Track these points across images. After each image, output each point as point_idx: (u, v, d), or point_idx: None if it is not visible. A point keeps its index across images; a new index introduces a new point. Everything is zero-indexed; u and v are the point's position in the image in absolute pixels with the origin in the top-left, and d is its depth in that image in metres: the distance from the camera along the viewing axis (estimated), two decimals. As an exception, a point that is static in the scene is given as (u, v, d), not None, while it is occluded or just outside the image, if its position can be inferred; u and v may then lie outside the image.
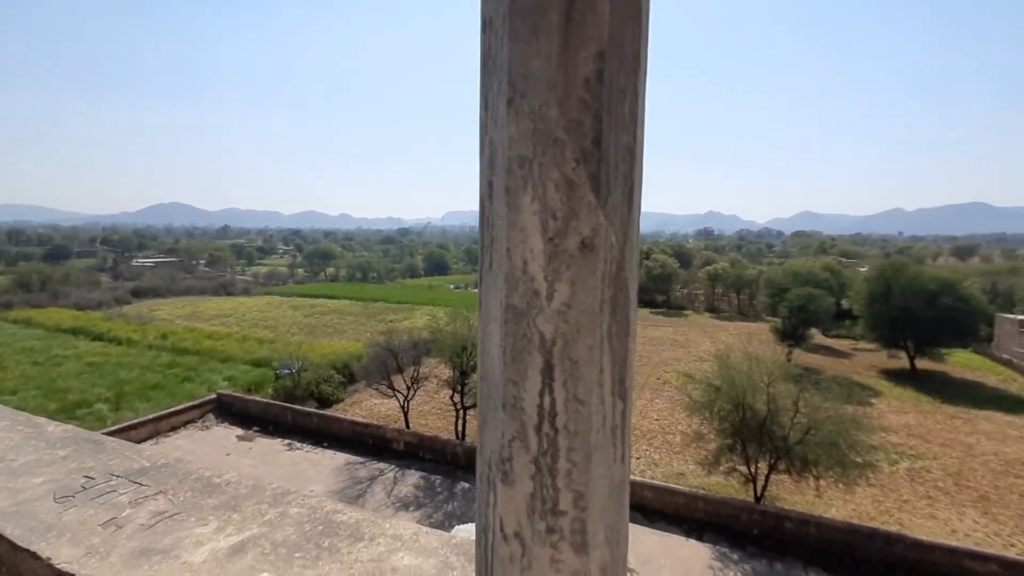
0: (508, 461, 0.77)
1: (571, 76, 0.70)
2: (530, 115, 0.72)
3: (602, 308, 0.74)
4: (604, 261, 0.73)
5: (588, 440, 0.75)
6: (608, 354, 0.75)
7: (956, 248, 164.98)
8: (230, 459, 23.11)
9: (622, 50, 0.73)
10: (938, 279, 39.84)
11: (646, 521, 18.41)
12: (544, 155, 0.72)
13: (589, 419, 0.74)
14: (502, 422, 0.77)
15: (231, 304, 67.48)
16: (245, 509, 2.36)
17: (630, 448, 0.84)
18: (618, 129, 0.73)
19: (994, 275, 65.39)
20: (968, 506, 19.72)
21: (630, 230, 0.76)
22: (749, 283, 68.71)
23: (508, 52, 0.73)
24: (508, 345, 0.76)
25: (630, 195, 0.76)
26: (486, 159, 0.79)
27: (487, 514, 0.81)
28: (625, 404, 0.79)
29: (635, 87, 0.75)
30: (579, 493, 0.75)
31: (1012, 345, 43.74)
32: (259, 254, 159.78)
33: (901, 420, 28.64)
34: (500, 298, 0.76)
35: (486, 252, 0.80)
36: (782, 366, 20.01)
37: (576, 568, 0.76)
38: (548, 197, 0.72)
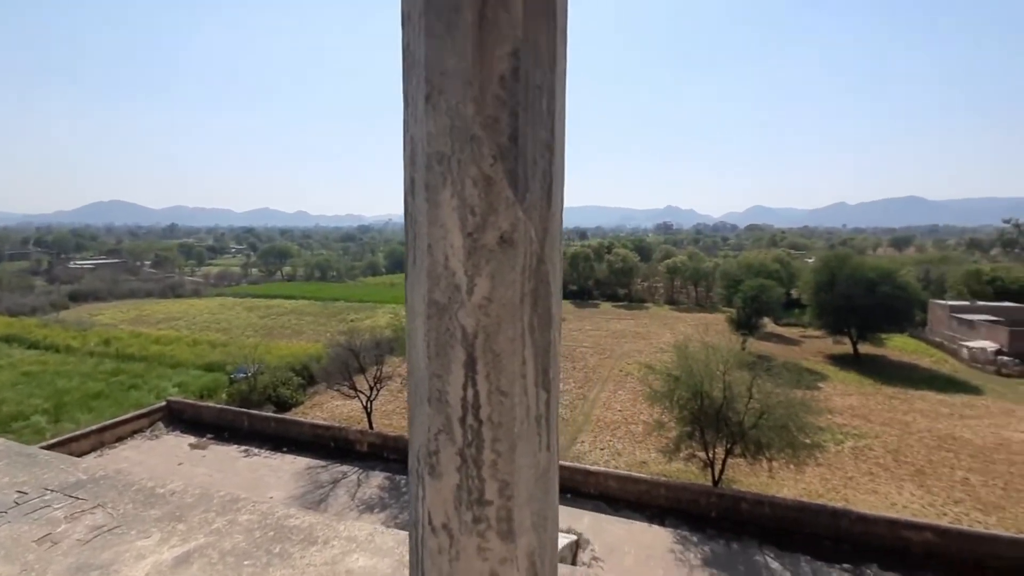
0: (435, 454, 0.78)
1: (487, 73, 0.71)
2: (447, 112, 0.73)
3: (523, 301, 0.76)
4: (524, 255, 0.75)
5: (512, 430, 0.76)
6: (530, 346, 0.77)
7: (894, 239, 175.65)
8: (182, 469, 22.13)
9: (538, 48, 0.74)
10: (877, 269, 42.32)
11: (611, 510, 18.82)
12: (462, 152, 0.73)
13: (512, 410, 0.76)
14: (428, 416, 0.78)
15: (180, 306, 64.47)
16: (191, 519, 2.27)
17: (557, 436, 0.87)
18: (535, 126, 0.75)
19: (927, 264, 69.97)
20: (906, 480, 21.12)
21: (550, 225, 0.78)
22: (706, 275, 71.04)
23: (425, 49, 0.74)
24: (432, 340, 0.77)
25: (549, 191, 0.78)
26: (408, 156, 0.79)
27: (417, 508, 0.82)
28: (549, 394, 0.81)
29: (552, 85, 0.77)
30: (504, 482, 0.77)
31: (943, 329, 47.03)
32: (210, 254, 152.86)
33: (845, 402, 30.34)
34: (423, 293, 0.77)
35: (410, 248, 0.80)
36: (737, 355, 20.79)
37: (503, 555, 0.78)
38: (467, 193, 0.73)
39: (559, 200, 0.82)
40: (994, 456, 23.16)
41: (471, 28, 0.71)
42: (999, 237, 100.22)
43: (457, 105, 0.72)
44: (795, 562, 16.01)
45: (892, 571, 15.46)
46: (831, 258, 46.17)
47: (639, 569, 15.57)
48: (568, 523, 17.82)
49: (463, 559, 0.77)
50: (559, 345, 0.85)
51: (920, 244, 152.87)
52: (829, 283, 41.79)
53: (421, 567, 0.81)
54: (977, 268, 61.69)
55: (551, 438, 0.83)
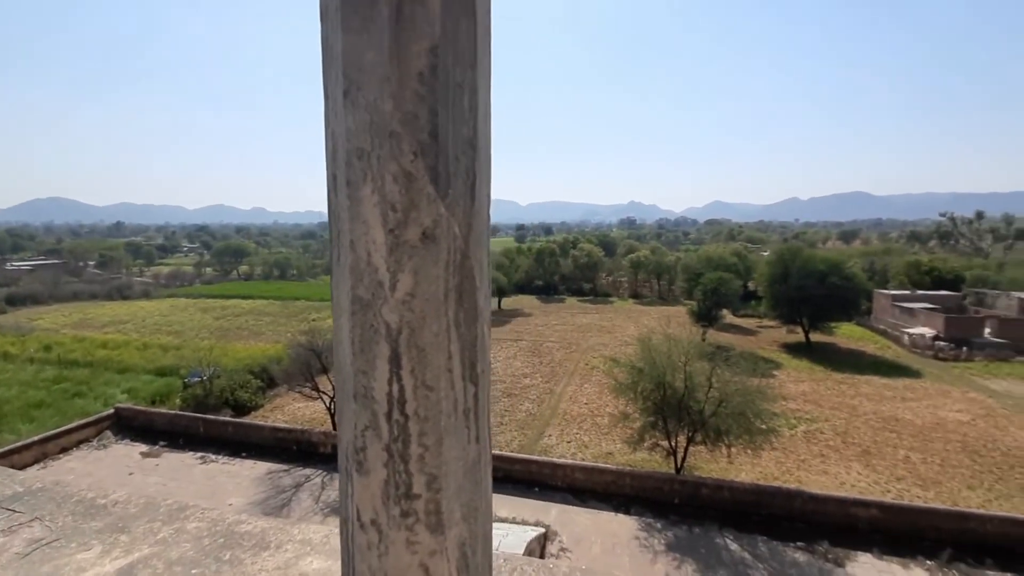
0: (362, 451, 0.78)
1: (404, 70, 0.72)
2: (366, 108, 0.73)
3: (447, 296, 0.76)
4: (447, 251, 0.76)
5: (439, 424, 0.77)
6: (456, 340, 0.78)
7: (842, 233, 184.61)
8: (133, 478, 21.14)
9: (457, 46, 0.75)
10: (827, 261, 44.42)
11: (578, 501, 19.12)
12: (381, 148, 0.73)
13: (439, 404, 0.77)
14: (354, 412, 0.78)
15: (128, 309, 61.34)
16: (135, 529, 2.19)
17: (488, 429, 0.88)
18: (457, 123, 0.76)
19: (872, 256, 73.94)
20: (853, 460, 22.34)
21: (474, 220, 0.79)
22: (668, 269, 72.83)
23: (342, 44, 0.73)
24: (356, 336, 0.77)
25: (473, 187, 0.79)
26: (330, 152, 0.79)
27: (346, 505, 0.82)
28: (478, 387, 0.82)
29: (474, 82, 0.78)
30: (432, 476, 0.78)
31: (887, 317, 49.85)
32: (160, 253, 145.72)
33: (798, 388, 31.79)
34: (347, 290, 0.77)
35: (334, 245, 0.80)
36: (697, 346, 21.44)
37: (433, 548, 0.79)
38: (387, 189, 0.73)
39: (484, 197, 0.83)
40: (932, 435, 24.77)
41: (387, 24, 0.71)
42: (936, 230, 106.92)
43: (376, 101, 0.72)
44: (753, 543, 16.70)
45: (841, 547, 16.34)
46: (784, 251, 48.14)
47: (606, 558, 15.90)
48: (536, 516, 18.01)
49: (392, 553, 0.78)
50: (488, 339, 0.86)
51: (866, 237, 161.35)
52: (783, 275, 43.58)
53: (352, 564, 0.82)
54: (917, 259, 65.64)
55: (481, 430, 0.84)
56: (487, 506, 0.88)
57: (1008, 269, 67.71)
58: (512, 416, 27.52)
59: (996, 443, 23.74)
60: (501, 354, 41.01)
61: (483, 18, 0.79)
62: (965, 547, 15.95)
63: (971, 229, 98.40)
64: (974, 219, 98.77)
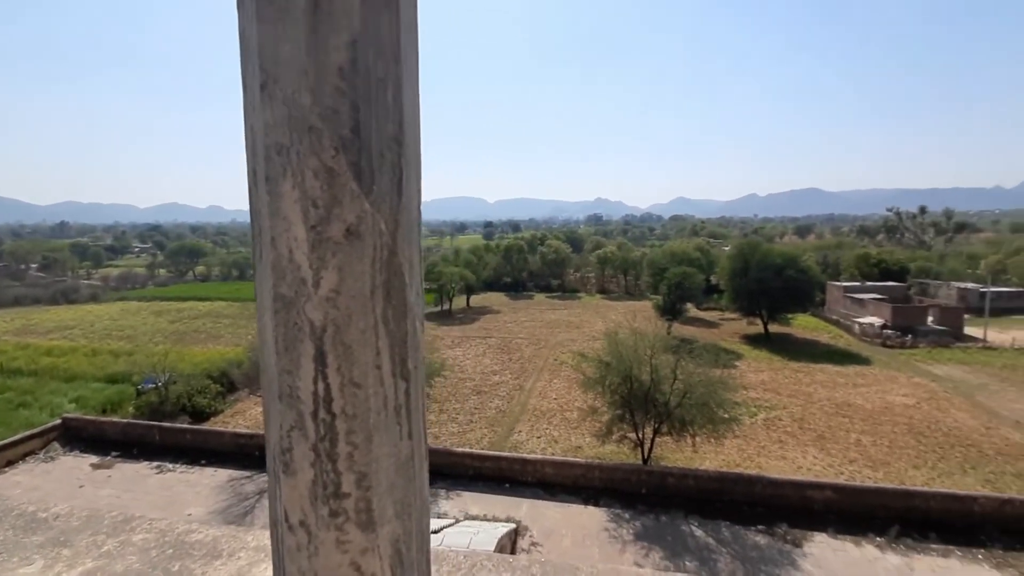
0: (288, 451, 0.77)
1: (323, 63, 0.70)
2: (284, 101, 0.71)
3: (374, 293, 0.76)
4: (373, 248, 0.75)
5: (368, 421, 0.77)
6: (385, 336, 0.78)
7: (797, 228, 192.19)
8: (84, 491, 20.12)
9: (379, 40, 0.74)
10: (784, 255, 46.16)
11: (548, 495, 19.30)
12: (301, 143, 0.71)
13: (367, 401, 0.76)
14: (280, 413, 0.77)
15: (75, 313, 58.17)
16: (78, 543, 2.11)
17: (423, 425, 0.88)
18: (380, 119, 0.75)
19: (825, 250, 77.29)
20: (809, 445, 23.35)
21: (402, 217, 0.79)
22: (634, 265, 74.17)
23: (258, 35, 0.72)
24: (280, 335, 0.75)
25: (400, 183, 0.78)
26: (249, 146, 0.77)
27: (275, 507, 0.81)
28: (409, 383, 0.82)
29: (398, 77, 0.77)
30: (362, 474, 0.77)
31: (839, 307, 52.23)
32: (109, 254, 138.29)
33: (758, 377, 32.97)
34: (269, 288, 0.75)
35: (256, 242, 0.78)
36: (663, 339, 21.93)
37: (364, 546, 0.78)
38: (308, 185, 0.72)
39: (413, 193, 0.83)
40: (881, 418, 26.15)
41: (304, 15, 0.69)
42: (884, 224, 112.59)
43: (294, 95, 0.71)
44: (716, 528, 17.25)
45: (799, 528, 17.07)
46: (744, 246, 49.75)
47: (576, 550, 16.12)
48: (508, 512, 18.09)
49: (322, 553, 0.77)
50: (420, 335, 0.86)
51: (819, 232, 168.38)
52: (743, 269, 45.03)
53: (282, 567, 0.80)
54: (866, 252, 69.00)
55: (414, 427, 0.84)
56: (423, 502, 0.88)
57: (948, 261, 72.08)
58: (482, 414, 27.52)
59: (938, 424, 25.25)
60: (471, 352, 40.91)
61: (407, 12, 0.78)
62: (911, 523, 16.93)
63: (915, 223, 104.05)
64: (918, 214, 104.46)
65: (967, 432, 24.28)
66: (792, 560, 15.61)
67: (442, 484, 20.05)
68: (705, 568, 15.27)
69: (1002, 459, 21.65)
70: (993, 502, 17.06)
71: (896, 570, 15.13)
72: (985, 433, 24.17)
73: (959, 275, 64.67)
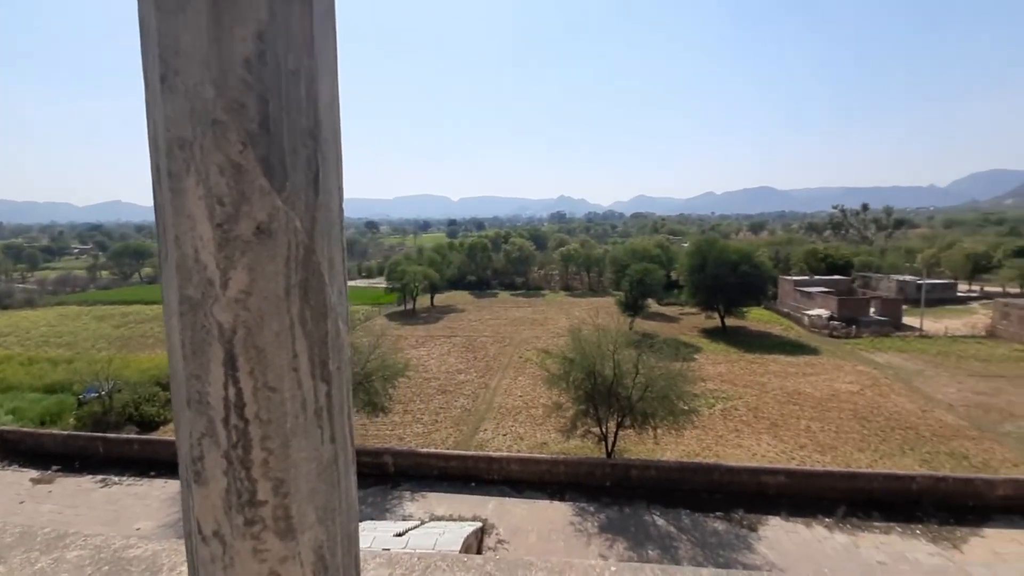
0: (199, 460, 0.73)
1: (227, 55, 0.67)
2: (186, 94, 0.68)
3: (289, 293, 0.73)
4: (287, 246, 0.73)
5: (284, 426, 0.74)
6: (302, 338, 0.75)
7: (751, 224, 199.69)
8: (25, 508, 18.86)
9: (289, 31, 0.72)
10: (739, 251, 47.86)
11: (514, 492, 19.38)
12: (205, 137, 0.68)
13: (283, 405, 0.74)
14: (190, 420, 0.73)
15: (9, 320, 54.30)
16: (11, 560, 2.05)
17: (348, 428, 0.86)
18: (293, 113, 0.72)
19: (777, 246, 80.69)
20: (763, 432, 24.34)
21: (319, 214, 0.77)
22: (597, 262, 75.28)
23: (158, 24, 0.68)
24: (187, 338, 0.72)
25: (316, 179, 0.76)
26: (152, 140, 0.73)
27: (188, 518, 0.77)
28: (331, 385, 0.80)
29: (311, 70, 0.75)
30: (279, 480, 0.75)
31: (790, 300, 54.62)
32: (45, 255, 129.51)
33: (716, 369, 34.10)
34: (175, 289, 0.72)
35: (161, 241, 0.74)
36: (625, 334, 22.36)
37: (283, 554, 0.76)
38: (213, 181, 0.69)
39: (334, 190, 0.80)
40: (828, 405, 27.53)
41: (206, 5, 0.66)
42: (830, 221, 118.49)
43: (196, 87, 0.68)
44: (677, 517, 17.77)
45: (754, 512, 17.80)
46: (702, 242, 51.29)
47: (542, 545, 16.26)
48: (474, 511, 18.06)
49: (238, 564, 0.74)
50: (343, 336, 0.84)
51: (772, 228, 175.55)
52: (701, 265, 46.42)
53: (197, 580, 0.77)
54: (814, 248, 72.45)
55: (337, 429, 0.82)
56: (349, 506, 0.86)
57: (888, 255, 76.51)
58: (447, 413, 27.35)
59: (880, 409, 26.81)
60: (435, 351, 40.57)
61: (320, 2, 0.76)
62: (856, 503, 17.92)
63: (858, 220, 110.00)
64: (861, 211, 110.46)
65: (906, 416, 25.89)
66: (748, 544, 16.25)
67: (407, 486, 19.83)
68: (667, 556, 15.70)
69: (937, 440, 23.19)
70: (929, 480, 18.26)
71: (843, 548, 15.99)
72: (922, 416, 25.83)
73: (898, 268, 68.81)
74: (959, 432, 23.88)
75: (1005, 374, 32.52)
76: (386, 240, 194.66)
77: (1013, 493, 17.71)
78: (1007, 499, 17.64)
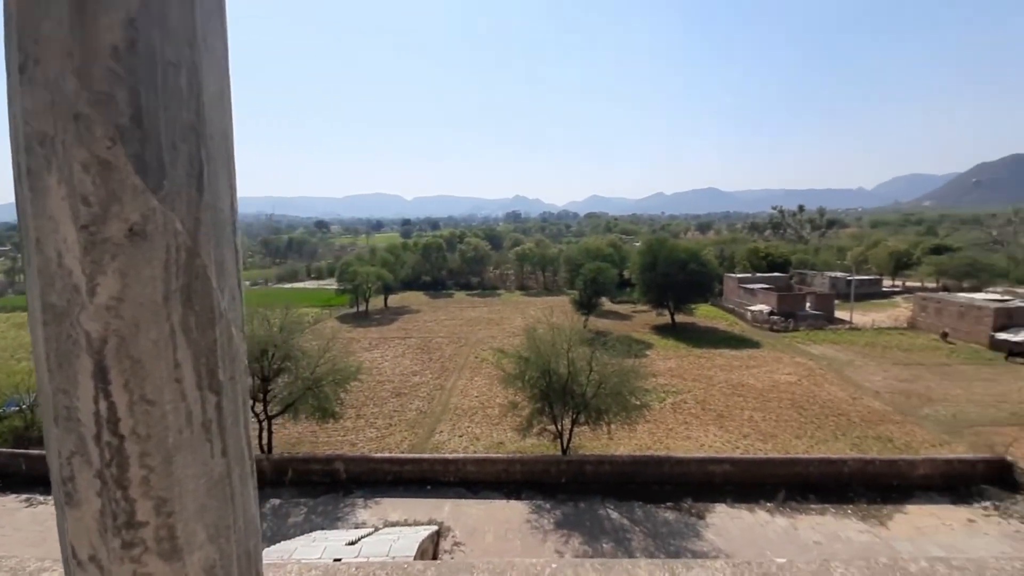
0: (70, 480, 0.68)
1: (92, 44, 0.63)
2: (46, 85, 0.63)
3: (169, 299, 0.69)
4: (166, 249, 0.68)
5: (166, 442, 0.70)
6: (186, 347, 0.71)
7: (699, 224, 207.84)
8: (-73, 538, 17.05)
9: (166, 20, 0.67)
10: (687, 250, 49.67)
11: (471, 494, 19.30)
12: (67, 132, 0.63)
13: (164, 419, 0.70)
14: (58, 438, 0.68)
15: (-91, 330, 49.05)
16: None
17: (245, 439, 0.82)
18: (171, 107, 0.68)
19: (722, 245, 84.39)
20: (710, 423, 25.37)
21: (205, 214, 0.73)
22: (552, 261, 76.13)
23: (17, 9, 0.62)
24: (52, 350, 0.66)
25: (200, 177, 0.72)
26: (12, 136, 0.67)
27: (63, 542, 0.71)
28: (221, 396, 0.76)
29: (194, 62, 0.71)
30: (162, 499, 0.70)
31: (734, 297, 57.20)
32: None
33: (666, 364, 35.25)
34: (37, 296, 0.66)
35: (23, 245, 0.68)
36: (579, 332, 22.68)
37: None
38: (77, 180, 0.64)
39: (224, 189, 0.76)
40: (769, 395, 29.03)
41: None
42: (770, 221, 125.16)
43: (57, 78, 0.62)
44: (630, 509, 18.23)
45: (702, 501, 18.51)
46: (653, 242, 52.89)
47: (499, 545, 16.28)
48: (429, 514, 17.85)
49: None
50: (237, 343, 0.80)
51: (718, 228, 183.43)
52: (652, 264, 47.84)
53: (72, 609, 0.71)
54: (756, 247, 76.18)
55: (230, 442, 0.78)
56: (247, 522, 0.82)
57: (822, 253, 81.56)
58: (402, 416, 26.91)
59: (815, 398, 28.53)
60: (389, 353, 39.83)
61: None
62: (795, 487, 18.98)
63: (795, 220, 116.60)
64: (797, 212, 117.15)
65: (838, 403, 27.67)
66: (697, 532, 16.89)
67: (360, 493, 19.36)
68: (621, 548, 16.07)
69: (865, 425, 24.92)
70: (859, 463, 19.58)
71: (783, 531, 16.90)
72: (852, 403, 27.68)
73: (831, 266, 73.48)
74: (885, 417, 25.76)
75: (924, 362, 35.37)
76: (337, 240, 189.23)
77: (931, 472, 19.27)
78: (926, 477, 19.18)
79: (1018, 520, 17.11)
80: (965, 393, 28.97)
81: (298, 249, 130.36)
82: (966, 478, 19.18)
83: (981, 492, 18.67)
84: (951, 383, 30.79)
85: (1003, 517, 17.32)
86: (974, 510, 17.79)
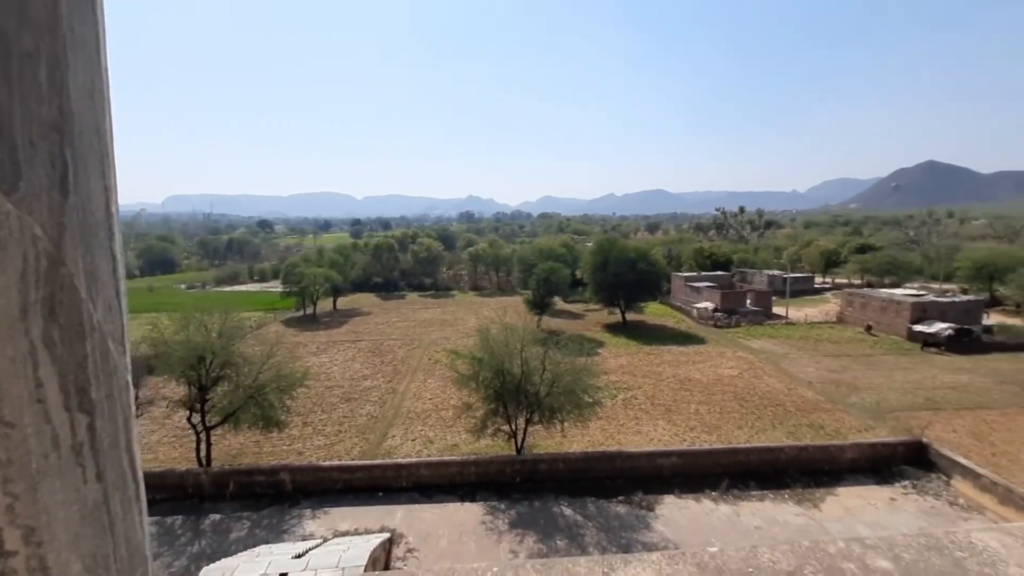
0: None
1: None
2: None
3: (27, 312, 0.63)
4: (23, 257, 0.62)
5: (29, 467, 0.64)
6: (50, 364, 0.65)
7: (648, 225, 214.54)
8: None
9: (23, 8, 0.61)
10: (636, 250, 51.10)
11: (424, 498, 19.05)
12: None
13: (26, 443, 0.63)
14: None
15: None
16: None
17: (127, 462, 0.76)
18: (28, 101, 0.62)
19: (670, 244, 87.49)
20: (659, 418, 26.22)
21: (70, 219, 0.67)
22: (506, 261, 76.37)
23: None
24: None
25: (64, 179, 0.66)
26: None
27: None
28: (93, 416, 0.70)
29: (56, 53, 0.65)
30: (30, 528, 0.64)
31: (681, 295, 59.42)
32: None
33: (618, 362, 36.13)
34: None
35: None
36: (532, 332, 22.84)
37: None
38: None
39: (94, 190, 0.70)
40: (714, 389, 30.34)
41: None
42: (714, 222, 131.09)
43: None
44: (583, 505, 18.56)
45: (652, 493, 19.11)
46: (604, 242, 54.07)
47: (453, 548, 16.15)
48: (381, 521, 17.48)
49: None
50: (116, 358, 0.74)
51: (666, 228, 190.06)
52: (603, 263, 48.93)
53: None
54: (701, 246, 79.50)
55: (106, 466, 0.72)
56: (132, 551, 0.76)
57: (760, 252, 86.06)
58: (352, 422, 26.21)
59: (755, 390, 30.08)
60: (338, 357, 38.70)
61: None
62: (737, 476, 19.94)
63: (736, 221, 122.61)
64: (738, 213, 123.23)
65: (775, 394, 29.29)
66: (647, 523, 17.41)
67: (307, 503, 18.70)
68: (574, 544, 16.32)
69: (800, 414, 26.51)
70: (794, 450, 20.81)
71: (727, 518, 17.70)
72: (788, 394, 29.38)
73: (769, 264, 77.70)
74: (817, 406, 27.50)
75: (851, 353, 38.06)
76: (282, 241, 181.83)
77: (858, 455, 20.75)
78: (854, 461, 20.63)
79: (932, 497, 18.71)
80: (887, 381, 31.39)
81: (239, 250, 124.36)
82: (888, 460, 20.79)
83: (901, 472, 20.29)
84: (875, 372, 33.28)
85: (920, 495, 18.89)
86: (895, 489, 19.30)
